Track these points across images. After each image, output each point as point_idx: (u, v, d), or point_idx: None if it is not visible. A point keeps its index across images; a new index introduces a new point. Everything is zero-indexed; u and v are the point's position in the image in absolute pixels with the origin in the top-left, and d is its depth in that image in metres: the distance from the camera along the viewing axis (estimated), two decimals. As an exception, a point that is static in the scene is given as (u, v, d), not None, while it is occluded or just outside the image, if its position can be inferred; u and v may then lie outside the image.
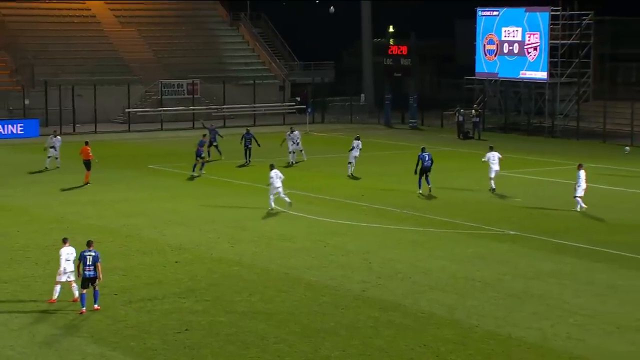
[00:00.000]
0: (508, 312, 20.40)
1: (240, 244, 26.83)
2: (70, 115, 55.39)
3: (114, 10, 68.15)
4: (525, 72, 55.76)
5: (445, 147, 49.39)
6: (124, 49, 64.95)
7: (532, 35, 55.12)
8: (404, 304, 21.01)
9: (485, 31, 58.05)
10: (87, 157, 36.74)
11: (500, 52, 57.12)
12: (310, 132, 56.05)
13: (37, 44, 62.29)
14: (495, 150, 35.73)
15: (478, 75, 58.72)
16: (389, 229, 28.92)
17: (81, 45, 63.51)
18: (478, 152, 47.58)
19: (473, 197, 34.32)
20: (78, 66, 61.67)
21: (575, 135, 53.37)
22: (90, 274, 20.42)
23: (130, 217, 30.49)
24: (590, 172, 40.54)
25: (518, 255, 25.42)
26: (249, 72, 66.40)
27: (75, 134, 54.15)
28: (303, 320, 19.94)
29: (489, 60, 57.91)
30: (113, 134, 54.89)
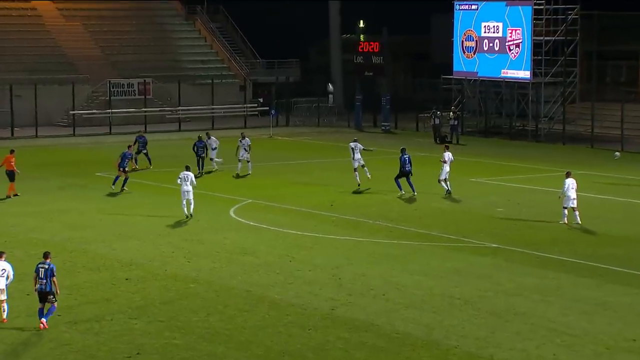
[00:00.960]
0: (490, 332, 20.51)
1: (197, 258, 26.74)
2: (8, 118, 54.97)
3: (56, 2, 67.75)
4: (506, 71, 56.21)
5: (421, 152, 49.51)
6: (68, 45, 64.58)
7: (514, 31, 55.59)
8: (377, 323, 21.05)
9: (463, 27, 58.42)
10: (10, 167, 35.84)
11: (480, 49, 57.52)
12: (273, 136, 56.09)
13: (-28, 39, 61.73)
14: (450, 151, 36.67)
15: (456, 75, 59.07)
16: (360, 241, 28.97)
17: (20, 41, 63.06)
18: (456, 158, 47.78)
19: (451, 207, 34.51)
20: (17, 64, 61.21)
21: (561, 139, 53.89)
22: (41, 288, 20.47)
23: (75, 229, 30.27)
24: (577, 180, 41.00)
25: (500, 270, 25.57)
26: (206, 70, 66.38)
27: (13, 138, 53.70)
28: (266, 342, 19.91)
29: (468, 58, 58.30)
30: (56, 139, 54.52)
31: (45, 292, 20.48)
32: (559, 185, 32.21)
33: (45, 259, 20.76)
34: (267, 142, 54.33)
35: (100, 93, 61.31)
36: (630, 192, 37.85)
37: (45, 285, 20.46)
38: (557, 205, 32.38)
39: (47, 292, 20.48)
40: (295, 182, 39.88)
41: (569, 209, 31.04)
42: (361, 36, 68.74)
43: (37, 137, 54.61)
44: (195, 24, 70.85)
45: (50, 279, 20.49)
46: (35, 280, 20.67)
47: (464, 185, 39.54)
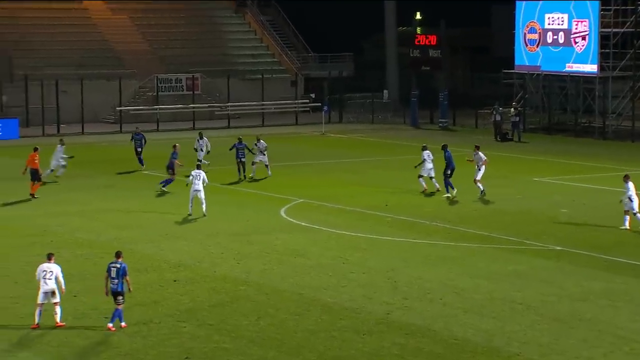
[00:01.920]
0: (553, 339, 20.36)
1: (247, 260, 26.90)
2: (54, 114, 55.69)
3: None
4: (571, 65, 55.69)
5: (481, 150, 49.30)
6: (114, 39, 65.30)
7: (580, 22, 55.05)
8: (434, 328, 21.01)
9: (525, 18, 58.02)
10: (34, 165, 35.50)
11: (544, 42, 57.05)
12: (326, 134, 56.17)
13: (16, 33, 62.74)
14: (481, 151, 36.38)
15: (518, 69, 58.68)
16: (416, 243, 28.93)
17: (66, 35, 63.91)
18: (518, 156, 47.66)
19: (513, 208, 34.29)
20: (63, 58, 62.04)
21: (630, 136, 53.27)
22: (114, 288, 20.85)
23: (122, 229, 30.62)
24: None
25: (564, 274, 25.37)
26: (256, 65, 66.65)
27: (59, 135, 54.37)
28: (319, 347, 19.97)
29: (531, 51, 57.86)
30: (102, 135, 55.17)
31: (117, 292, 20.90)
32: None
33: (117, 258, 21.14)
34: (319, 139, 54.44)
35: (148, 88, 61.91)
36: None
37: (117, 285, 20.87)
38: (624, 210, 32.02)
39: (119, 292, 20.90)
40: (348, 181, 39.90)
41: (630, 214, 30.55)
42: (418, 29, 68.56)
43: (83, 133, 55.31)
44: (245, 17, 71.21)
45: (122, 278, 20.88)
46: (106, 281, 21.03)
47: (526, 184, 39.30)
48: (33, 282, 24.54)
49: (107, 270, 21.04)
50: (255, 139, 40.61)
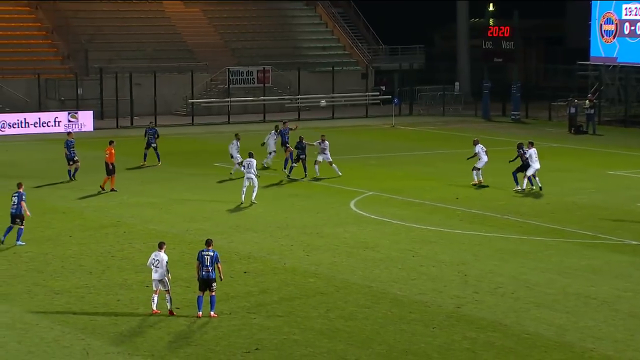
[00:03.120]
0: (629, 335, 20.06)
1: (316, 252, 26.95)
2: (128, 107, 56.45)
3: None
4: (649, 57, 54.70)
5: (555, 143, 48.83)
6: (187, 32, 65.95)
7: (658, 12, 54.01)
8: (505, 323, 20.83)
9: (602, 9, 57.13)
10: (109, 159, 35.46)
11: (620, 33, 56.12)
12: (396, 126, 56.01)
13: (91, 26, 63.73)
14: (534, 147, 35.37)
15: (593, 60, 57.84)
16: (487, 236, 28.71)
17: (140, 28, 64.71)
18: (592, 149, 47.01)
19: (587, 201, 33.84)
20: (136, 51, 62.85)
21: None
22: (206, 275, 21.19)
23: (193, 221, 30.91)
24: None
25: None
26: (327, 57, 66.71)
27: (133, 127, 55.15)
28: (389, 340, 19.93)
29: (607, 42, 56.95)
30: (175, 128, 55.73)
31: (210, 280, 21.23)
32: None
33: (207, 246, 21.48)
34: (390, 132, 54.30)
35: (219, 81, 62.37)
36: None
37: (211, 272, 21.22)
38: None
39: (212, 279, 21.24)
40: (418, 174, 39.71)
41: None
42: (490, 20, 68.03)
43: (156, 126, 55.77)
44: (316, 9, 71.31)
45: (214, 265, 21.23)
46: (198, 268, 21.34)
47: (600, 178, 38.77)
48: (107, 272, 25.02)
49: (199, 259, 21.35)
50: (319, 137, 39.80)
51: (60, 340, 20.06)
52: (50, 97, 58.08)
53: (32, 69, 57.65)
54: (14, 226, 27.74)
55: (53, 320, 21.22)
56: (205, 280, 21.25)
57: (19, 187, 28.04)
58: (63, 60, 61.49)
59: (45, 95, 57.76)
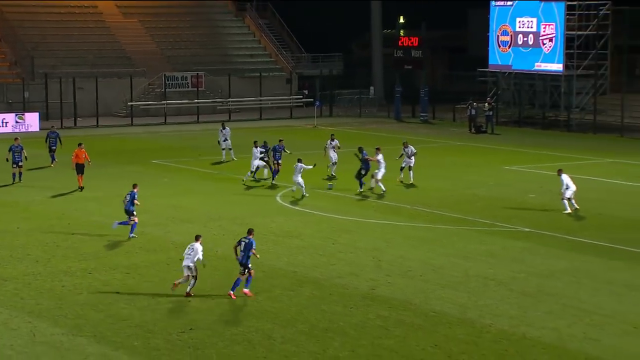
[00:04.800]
0: (522, 312, 20.41)
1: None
2: (72, 109, 55.56)
3: (115, 1, 68.24)
4: (540, 64, 55.66)
5: (457, 142, 49.39)
6: (126, 41, 65.07)
7: (548, 26, 55.00)
8: (415, 302, 21.04)
9: (499, 22, 57.93)
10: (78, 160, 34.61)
11: (515, 43, 57.00)
12: (317, 126, 56.08)
13: (37, 35, 62.50)
14: None
15: (491, 68, 58.61)
16: (398, 225, 28.94)
17: (82, 37, 63.67)
18: (491, 147, 47.67)
19: (486, 193, 34.29)
20: (79, 58, 61.83)
21: (592, 129, 53.29)
22: (241, 260, 21.15)
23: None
24: (607, 168, 40.58)
25: (532, 253, 25.41)
26: (255, 64, 66.47)
27: (76, 127, 54.33)
28: (311, 320, 19.99)
29: (503, 52, 57.80)
30: (115, 128, 55.02)
31: (244, 263, 21.17)
32: (590, 173, 31.93)
33: (248, 234, 21.48)
34: (312, 131, 54.36)
35: (156, 85, 61.71)
36: (658, 179, 37.33)
37: (243, 257, 21.15)
38: (589, 192, 32.12)
39: (243, 263, 21.17)
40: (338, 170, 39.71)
41: (567, 200, 30.31)
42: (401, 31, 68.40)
43: (97, 126, 55.17)
44: (244, 20, 70.97)
45: (248, 251, 21.16)
46: (235, 250, 21.34)
47: (498, 172, 39.34)
48: (52, 260, 24.59)
49: (238, 243, 21.38)
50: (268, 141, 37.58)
51: (8, 323, 19.68)
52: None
53: (-19, 74, 56.31)
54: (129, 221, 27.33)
55: (1, 304, 20.81)
56: (240, 263, 21.26)
57: (134, 187, 27.76)
58: (10, 66, 60.17)
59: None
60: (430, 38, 62.98)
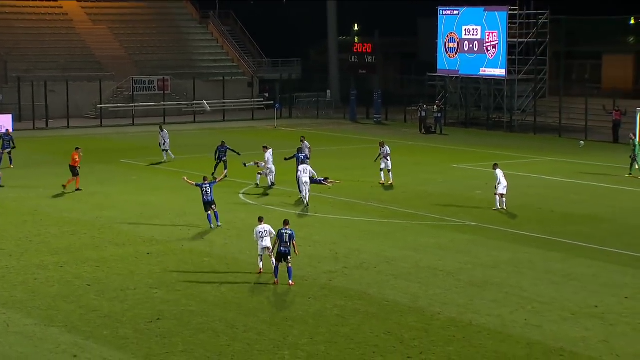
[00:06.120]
0: (469, 300, 20.55)
1: (210, 235, 26.74)
2: (44, 111, 54.90)
3: (85, 8, 67.53)
4: (484, 70, 56.08)
5: (409, 142, 49.60)
6: (95, 46, 64.38)
7: (491, 33, 55.45)
8: (369, 292, 21.08)
9: (446, 29, 58.25)
10: (73, 163, 33.80)
11: (461, 50, 57.38)
12: (278, 127, 55.98)
13: (10, 40, 61.58)
14: None
15: (440, 72, 58.91)
16: (354, 220, 28.99)
17: (53, 42, 62.88)
18: (440, 146, 47.97)
19: (435, 190, 34.47)
20: (50, 62, 61.06)
21: (533, 129, 53.82)
22: (285, 250, 21.20)
23: (103, 209, 30.26)
24: (547, 165, 41.05)
25: (478, 246, 25.60)
26: (218, 68, 66.16)
27: (48, 128, 53.67)
28: (271, 310, 19.95)
29: (450, 57, 58.15)
30: (85, 129, 54.41)
31: (286, 254, 21.20)
32: (531, 170, 32.18)
33: (285, 225, 21.48)
34: (273, 132, 54.27)
35: (125, 89, 61.15)
36: (593, 176, 37.84)
37: (287, 248, 21.20)
38: (530, 189, 32.37)
39: (288, 253, 21.20)
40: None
41: (499, 195, 30.15)
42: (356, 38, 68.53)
43: (68, 127, 54.53)
44: (208, 27, 70.60)
45: (291, 242, 21.23)
46: (276, 243, 21.32)
47: (446, 170, 39.57)
48: (25, 255, 24.23)
49: (279, 236, 21.33)
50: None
51: (-17, 315, 19.37)
52: (-27, 102, 55.98)
53: (-44, 77, 55.38)
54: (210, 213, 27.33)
55: (-23, 298, 20.49)
56: (283, 254, 21.26)
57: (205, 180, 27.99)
58: (-16, 70, 59.24)
59: (-31, 100, 55.64)
60: (383, 44, 63.21)
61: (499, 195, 30.22)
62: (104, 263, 23.50)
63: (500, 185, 30.15)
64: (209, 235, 26.69)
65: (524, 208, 30.87)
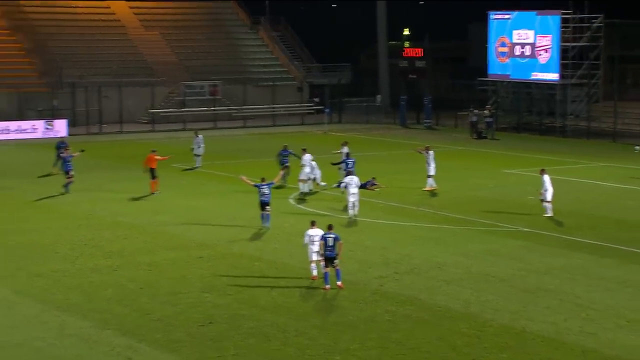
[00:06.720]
0: (522, 307, 20.32)
1: (260, 240, 26.86)
2: (97, 116, 55.74)
3: (137, 15, 68.41)
4: (536, 74, 55.50)
5: (459, 147, 49.29)
6: (147, 52, 65.15)
7: (544, 37, 54.86)
8: (421, 298, 20.97)
9: (497, 34, 57.80)
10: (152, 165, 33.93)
11: (512, 54, 56.87)
12: (327, 132, 56.03)
13: (65, 47, 62.62)
14: None
15: (491, 77, 58.48)
16: (404, 225, 28.87)
17: (106, 49, 63.74)
18: (491, 151, 47.57)
19: (486, 195, 34.19)
20: (104, 68, 61.92)
21: (586, 134, 53.09)
22: (330, 254, 21.28)
23: (155, 214, 30.58)
24: (600, 171, 40.44)
25: (531, 252, 25.32)
26: (268, 74, 66.43)
27: (102, 133, 54.44)
28: (322, 314, 19.95)
29: (501, 62, 57.66)
30: (138, 134, 55.05)
31: (332, 258, 21.29)
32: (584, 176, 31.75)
33: (329, 229, 21.59)
34: (322, 137, 54.32)
35: (176, 94, 61.76)
36: (649, 182, 37.16)
37: (332, 252, 21.26)
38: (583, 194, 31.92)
39: (333, 257, 21.29)
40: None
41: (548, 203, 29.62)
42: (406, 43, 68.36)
43: (121, 132, 55.26)
44: (258, 32, 70.99)
45: (336, 244, 21.25)
46: (323, 248, 21.34)
47: (498, 175, 39.23)
48: (80, 258, 24.60)
49: (324, 240, 21.35)
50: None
51: (39, 316, 19.72)
52: (30, 108, 56.97)
53: (14, 84, 56.56)
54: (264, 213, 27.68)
55: (33, 299, 20.86)
56: (329, 258, 21.30)
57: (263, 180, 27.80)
58: (40, 76, 60.33)
59: (25, 106, 56.71)
60: (433, 49, 62.91)
61: (545, 202, 29.75)
62: (156, 267, 23.75)
63: (547, 192, 29.73)
64: (259, 240, 26.81)
65: (577, 214, 30.44)
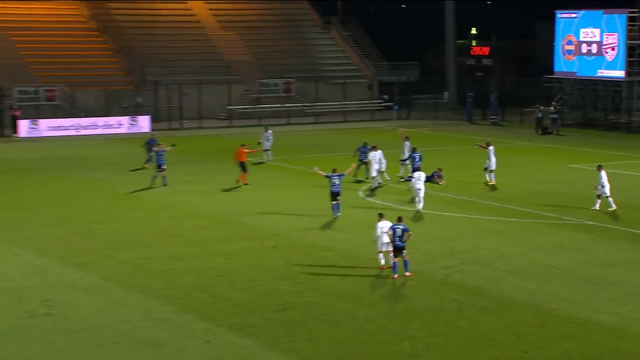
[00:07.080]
0: (586, 297, 20.01)
1: (331, 231, 26.98)
2: (177, 112, 56.72)
3: (216, 16, 69.23)
4: (603, 71, 54.30)
5: (526, 142, 48.60)
6: (225, 51, 65.89)
7: (610, 36, 53.63)
8: (486, 288, 20.82)
9: (564, 32, 56.75)
10: (242, 159, 34.41)
11: (579, 52, 55.76)
12: (397, 129, 55.84)
13: (148, 47, 63.76)
14: None
15: (557, 74, 57.45)
16: (471, 218, 28.65)
17: (187, 49, 64.63)
18: (557, 147, 46.79)
19: (552, 189, 33.68)
20: (184, 67, 62.80)
21: (652, 131, 51.79)
22: (399, 245, 21.42)
23: (233, 205, 30.96)
24: (667, 166, 39.37)
25: (595, 244, 24.88)
26: (339, 72, 66.49)
27: (182, 129, 55.32)
28: (391, 302, 19.96)
29: (568, 59, 56.59)
30: (216, 129, 55.79)
31: (401, 248, 21.44)
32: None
33: (399, 221, 21.79)
34: (391, 133, 54.14)
35: (252, 91, 62.35)
36: None
37: (401, 242, 21.40)
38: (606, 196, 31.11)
39: (403, 247, 21.44)
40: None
41: (602, 198, 29.12)
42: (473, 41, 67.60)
43: (201, 128, 56.09)
44: (330, 32, 71.11)
45: (404, 234, 21.28)
46: (392, 238, 21.46)
47: (563, 170, 38.59)
48: (162, 246, 25.09)
49: (392, 231, 21.45)
50: None
51: (125, 300, 20.20)
52: (115, 105, 58.23)
53: (101, 82, 57.89)
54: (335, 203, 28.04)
55: (119, 284, 21.37)
56: (398, 248, 21.39)
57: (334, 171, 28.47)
58: (125, 75, 61.63)
59: (112, 103, 58.00)
60: (500, 47, 62.02)
61: (599, 197, 29.11)
62: (234, 255, 24.07)
63: (604, 187, 29.10)
64: (330, 231, 26.93)
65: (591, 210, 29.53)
